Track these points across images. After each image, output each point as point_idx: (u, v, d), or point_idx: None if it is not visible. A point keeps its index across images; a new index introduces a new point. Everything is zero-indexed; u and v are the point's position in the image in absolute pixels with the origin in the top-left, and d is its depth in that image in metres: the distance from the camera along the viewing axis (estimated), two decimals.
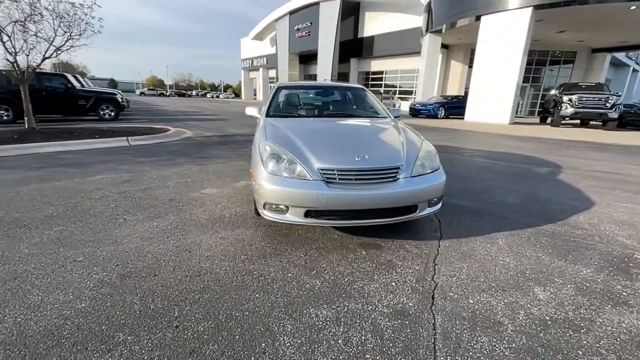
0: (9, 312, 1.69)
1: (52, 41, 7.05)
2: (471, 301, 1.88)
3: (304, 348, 1.50)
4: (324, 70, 28.40)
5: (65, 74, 11.73)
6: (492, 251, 2.50)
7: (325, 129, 3.16)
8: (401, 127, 3.25)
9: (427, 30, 19.14)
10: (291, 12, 32.01)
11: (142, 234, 2.64)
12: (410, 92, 25.59)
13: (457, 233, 2.83)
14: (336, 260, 2.30)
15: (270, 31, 37.58)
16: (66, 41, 7.28)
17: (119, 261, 2.22)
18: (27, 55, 7.01)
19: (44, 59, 7.18)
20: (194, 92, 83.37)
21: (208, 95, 73.98)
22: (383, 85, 28.27)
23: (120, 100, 12.10)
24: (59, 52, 7.27)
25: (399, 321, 1.70)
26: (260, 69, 42.94)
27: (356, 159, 2.42)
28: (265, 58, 41.13)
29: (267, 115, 3.54)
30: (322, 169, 2.34)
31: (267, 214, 2.43)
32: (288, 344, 1.52)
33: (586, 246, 2.61)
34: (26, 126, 7.42)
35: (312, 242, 2.57)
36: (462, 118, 16.52)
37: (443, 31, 17.95)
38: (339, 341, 1.55)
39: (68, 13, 7.14)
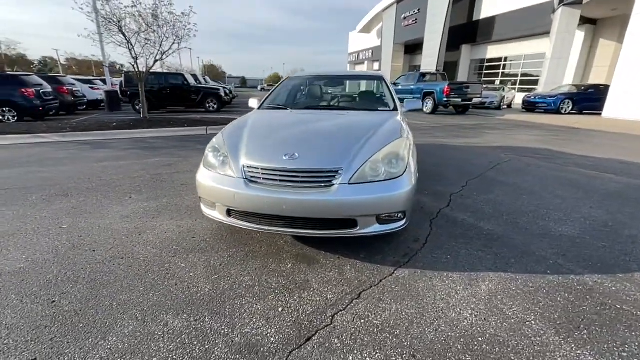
0: None
1: (160, 46, 8.60)
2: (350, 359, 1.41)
3: (121, 354, 1.41)
4: (430, 60, 26.04)
5: (182, 72, 14.23)
6: (455, 298, 1.81)
7: (294, 124, 2.86)
8: (391, 123, 2.66)
9: (560, 3, 15.19)
10: (399, 1, 30.47)
11: (126, 213, 2.97)
12: (537, 82, 21.00)
13: (432, 262, 2.17)
14: (251, 269, 2.08)
15: (377, 22, 36.74)
16: (172, 45, 8.79)
17: (84, 233, 2.56)
18: (147, 59, 8.80)
19: (155, 61, 8.85)
20: None
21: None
22: (500, 75, 24.08)
23: (223, 95, 13.95)
24: (166, 55, 8.85)
25: (238, 356, 1.41)
26: (365, 62, 42.68)
27: (284, 157, 2.10)
28: (370, 51, 40.62)
29: (260, 107, 3.44)
30: (247, 166, 2.13)
31: (202, 208, 2.38)
32: (113, 346, 1.45)
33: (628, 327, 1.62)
34: (141, 116, 9.37)
35: (251, 244, 2.39)
36: (600, 113, 12.61)
37: (584, 1, 13.92)
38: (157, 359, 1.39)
39: (178, 22, 8.58)
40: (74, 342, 1.48)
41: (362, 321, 1.63)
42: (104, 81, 16.53)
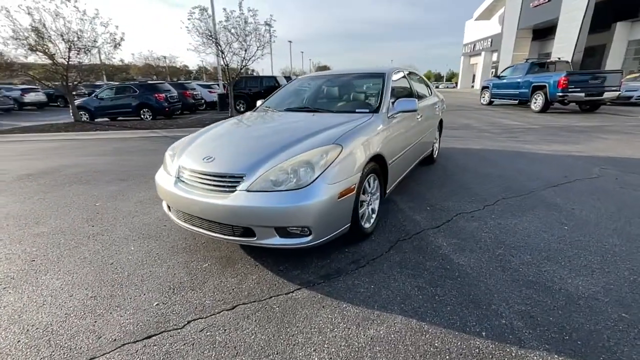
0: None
1: (245, 53, 9.70)
2: None
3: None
4: (565, 45, 20.95)
5: (275, 75, 15.57)
6: (323, 336, 1.54)
7: (246, 126, 2.85)
8: (342, 128, 2.35)
9: None
10: None
11: (144, 199, 3.56)
12: None
13: (346, 289, 1.88)
14: (172, 261, 2.23)
15: (500, 6, 31.69)
16: (256, 50, 9.81)
17: (102, 211, 3.21)
18: (241, 63, 10.07)
19: (242, 67, 10.02)
20: None
21: None
22: None
23: None
24: (251, 61, 9.94)
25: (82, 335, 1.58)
26: (482, 53, 37.38)
27: (202, 159, 2.15)
28: (489, 40, 35.36)
29: (256, 108, 3.54)
30: (180, 166, 2.28)
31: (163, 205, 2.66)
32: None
33: None
34: (229, 114, 10.78)
35: (191, 240, 2.55)
36: None
37: None
38: None
39: (264, 31, 9.55)
40: None
41: (207, 334, 1.57)
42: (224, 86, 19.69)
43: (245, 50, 9.55)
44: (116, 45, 11.22)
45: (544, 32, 25.97)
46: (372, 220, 2.54)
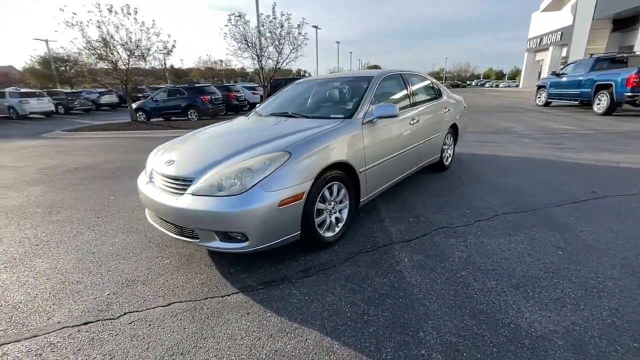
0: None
1: (279, 55, 10.00)
2: None
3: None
4: None
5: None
6: (221, 345, 1.55)
7: (230, 130, 2.93)
8: (299, 135, 2.32)
9: None
10: None
11: None
12: None
13: (275, 299, 1.88)
14: (140, 255, 2.42)
15: None
16: (289, 53, 10.07)
17: (110, 206, 3.58)
18: (275, 66, 10.44)
19: (276, 70, 10.34)
20: (473, 82, 79.66)
21: (487, 85, 68.39)
22: None
23: None
24: (285, 63, 10.22)
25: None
26: (550, 48, 33.45)
27: (165, 163, 2.29)
28: (558, 33, 31.50)
29: (248, 113, 3.64)
30: (152, 169, 2.46)
31: None
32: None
33: None
34: None
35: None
36: None
37: None
38: None
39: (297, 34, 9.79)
40: None
41: (133, 327, 1.69)
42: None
43: (279, 53, 9.85)
44: (168, 52, 12.31)
45: (627, 22, 22.52)
46: (336, 230, 2.48)
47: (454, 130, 4.44)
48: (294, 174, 2.04)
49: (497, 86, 61.11)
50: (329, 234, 2.41)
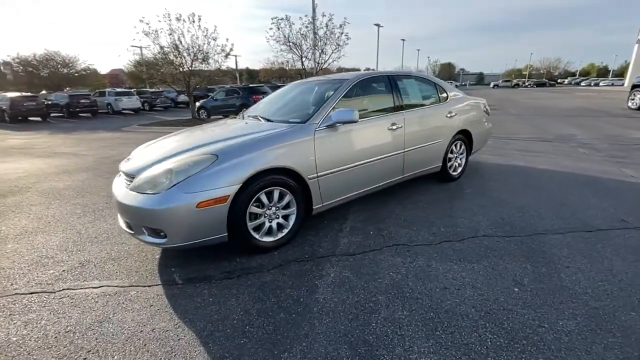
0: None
1: (320, 56, 10.09)
2: None
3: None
4: None
5: None
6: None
7: (194, 132, 3.10)
8: (250, 138, 2.35)
9: None
10: None
11: None
12: None
13: (178, 295, 1.95)
14: (105, 243, 2.73)
15: None
16: (331, 53, 10.11)
17: None
18: (318, 64, 10.61)
19: (318, 70, 10.46)
20: (566, 80, 68.98)
21: (583, 84, 58.55)
22: None
23: None
24: (327, 64, 10.28)
25: None
26: None
27: (126, 159, 2.52)
28: None
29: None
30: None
31: None
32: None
33: None
34: None
35: None
36: None
37: None
38: None
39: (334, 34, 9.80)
40: None
41: (55, 302, 1.93)
42: None
43: (320, 54, 9.96)
44: (226, 55, 13.36)
45: None
46: (279, 235, 2.46)
47: (466, 137, 3.98)
48: (218, 176, 2.09)
49: (596, 85, 52.08)
50: (268, 239, 2.41)
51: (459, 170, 4.04)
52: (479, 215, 2.97)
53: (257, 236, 2.34)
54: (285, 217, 2.50)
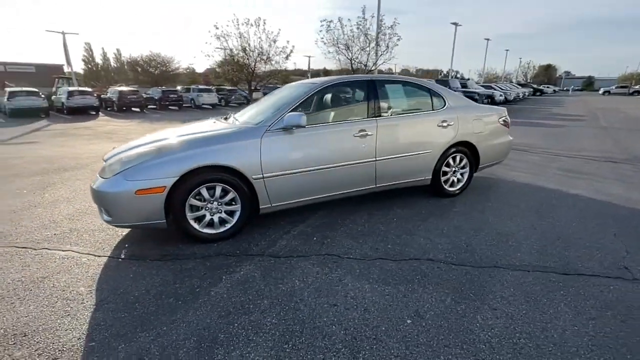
0: None
1: (368, 57, 9.92)
2: None
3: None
4: None
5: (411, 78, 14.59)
6: None
7: (177, 128, 3.34)
8: (198, 136, 2.55)
9: None
10: None
11: None
12: None
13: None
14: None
15: None
16: (380, 55, 9.89)
17: None
18: (365, 65, 10.50)
19: (369, 71, 10.31)
20: None
21: None
22: None
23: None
24: (375, 66, 10.08)
25: None
26: None
27: (112, 148, 2.95)
28: None
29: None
30: None
31: None
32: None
33: None
34: None
35: None
36: None
37: None
38: None
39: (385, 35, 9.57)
40: None
41: (31, 259, 2.41)
42: None
43: (368, 54, 9.79)
44: (287, 57, 14.08)
45: None
46: (221, 229, 2.62)
47: (470, 150, 3.57)
48: (157, 168, 2.34)
49: None
50: (208, 231, 2.58)
51: (459, 185, 3.64)
52: (444, 237, 2.68)
53: (197, 227, 2.54)
54: (230, 213, 2.65)
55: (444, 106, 3.44)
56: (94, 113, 17.46)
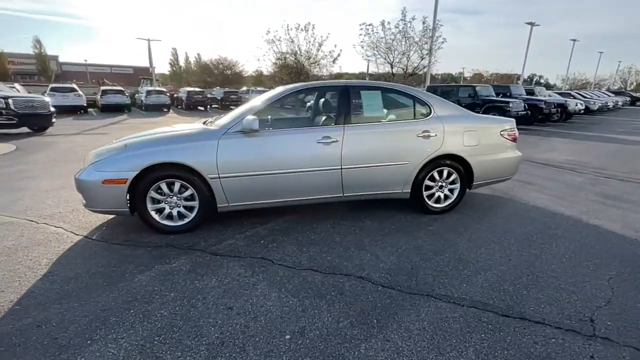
0: None
1: (408, 60, 9.52)
2: None
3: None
4: None
5: (469, 85, 13.36)
6: None
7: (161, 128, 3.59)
8: (161, 135, 2.78)
9: None
10: None
11: None
12: None
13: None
14: None
15: None
16: (422, 60, 9.43)
17: None
18: (404, 70, 10.10)
19: (408, 75, 9.90)
20: None
21: None
22: None
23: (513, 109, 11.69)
24: (416, 70, 9.64)
25: None
26: None
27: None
28: None
29: None
30: None
31: None
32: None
33: None
34: None
35: None
36: None
37: None
38: None
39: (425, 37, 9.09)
40: None
41: (16, 226, 2.89)
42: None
43: (408, 59, 9.36)
44: (334, 60, 14.24)
45: None
46: (179, 222, 2.81)
47: (461, 164, 3.23)
48: (121, 162, 2.62)
49: None
50: (167, 223, 2.79)
51: (446, 203, 3.32)
52: (394, 255, 2.49)
53: (157, 218, 2.77)
54: (189, 209, 2.83)
55: (429, 115, 3.17)
56: (166, 110, 19.77)
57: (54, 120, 9.59)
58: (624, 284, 2.15)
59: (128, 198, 2.66)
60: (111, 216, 3.16)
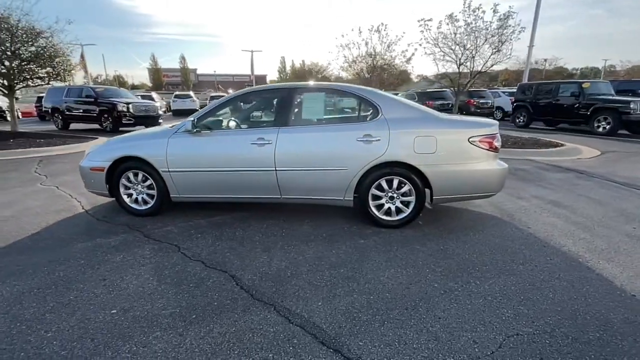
0: None
1: (474, 55, 8.33)
2: None
3: None
4: None
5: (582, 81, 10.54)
6: None
7: None
8: (141, 132, 3.31)
9: None
10: None
11: None
12: None
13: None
14: None
15: None
16: (492, 54, 8.18)
17: None
18: (470, 69, 8.89)
19: (476, 74, 8.69)
20: None
21: None
22: None
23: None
24: (485, 67, 8.40)
25: None
26: None
27: None
28: None
29: None
30: None
31: None
32: None
33: None
34: None
35: None
36: None
37: None
38: None
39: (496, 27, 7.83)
40: None
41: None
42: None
43: (475, 53, 8.12)
44: (407, 60, 13.53)
45: None
46: (144, 207, 3.33)
47: (415, 174, 2.81)
48: (102, 154, 3.29)
49: None
50: (134, 206, 3.35)
51: (399, 216, 2.94)
52: (287, 262, 2.40)
53: (127, 201, 3.35)
54: (151, 196, 3.32)
55: (375, 117, 2.86)
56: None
57: (160, 120, 12.11)
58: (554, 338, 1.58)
59: (106, 183, 3.32)
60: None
